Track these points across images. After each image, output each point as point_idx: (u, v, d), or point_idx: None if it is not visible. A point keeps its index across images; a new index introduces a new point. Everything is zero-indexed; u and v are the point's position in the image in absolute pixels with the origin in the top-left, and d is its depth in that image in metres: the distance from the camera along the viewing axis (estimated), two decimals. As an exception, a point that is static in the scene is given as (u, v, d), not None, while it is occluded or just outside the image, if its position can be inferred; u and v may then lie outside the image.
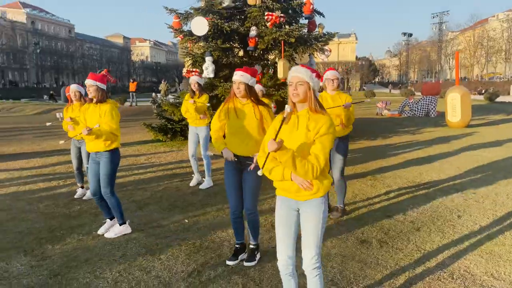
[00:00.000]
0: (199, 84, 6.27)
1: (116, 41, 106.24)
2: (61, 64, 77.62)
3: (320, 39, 10.75)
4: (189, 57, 10.70)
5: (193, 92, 6.26)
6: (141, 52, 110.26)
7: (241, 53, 11.77)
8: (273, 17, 9.63)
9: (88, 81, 4.11)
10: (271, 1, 10.09)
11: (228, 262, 3.60)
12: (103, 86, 4.17)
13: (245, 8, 10.61)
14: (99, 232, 4.40)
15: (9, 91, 55.50)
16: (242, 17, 11.12)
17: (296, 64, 12.01)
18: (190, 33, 10.48)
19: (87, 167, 5.39)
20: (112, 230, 4.32)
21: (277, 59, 10.71)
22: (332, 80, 4.71)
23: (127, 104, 27.52)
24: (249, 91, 3.44)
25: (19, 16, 76.89)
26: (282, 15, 9.72)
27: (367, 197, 5.70)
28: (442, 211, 4.99)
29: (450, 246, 3.94)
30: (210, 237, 4.27)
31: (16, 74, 72.90)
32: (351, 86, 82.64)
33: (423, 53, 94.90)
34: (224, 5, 10.41)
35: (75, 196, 5.83)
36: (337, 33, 11.49)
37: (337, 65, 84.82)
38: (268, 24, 10.14)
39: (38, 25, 79.87)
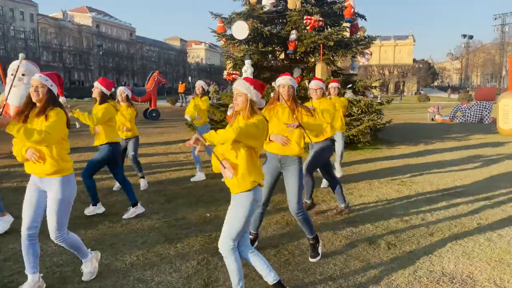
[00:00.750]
0: (203, 88, 6.84)
1: (173, 44, 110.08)
2: (122, 65, 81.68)
3: (360, 42, 10.73)
4: (230, 60, 11.08)
5: (197, 94, 6.80)
6: (197, 55, 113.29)
7: (282, 56, 11.99)
8: (312, 21, 9.76)
9: (96, 83, 4.92)
10: (310, 5, 10.24)
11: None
12: (107, 92, 4.95)
13: (286, 12, 10.84)
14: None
15: (74, 90, 59.42)
16: (284, 21, 11.35)
17: (337, 67, 12.08)
18: (232, 37, 10.88)
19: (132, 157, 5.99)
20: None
21: (316, 62, 10.81)
22: (315, 89, 4.93)
23: (177, 104, 28.65)
24: (293, 95, 3.59)
25: (86, 20, 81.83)
26: (321, 19, 9.84)
27: (389, 201, 5.72)
28: (463, 218, 4.93)
29: (460, 252, 3.94)
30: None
31: (81, 74, 77.72)
32: (406, 89, 79.96)
33: (487, 56, 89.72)
34: (265, 9, 10.69)
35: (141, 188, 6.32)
36: (378, 36, 11.39)
37: (393, 68, 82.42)
38: (308, 27, 10.30)
39: (103, 28, 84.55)
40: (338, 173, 6.96)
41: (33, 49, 65.07)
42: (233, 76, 10.58)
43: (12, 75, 9.53)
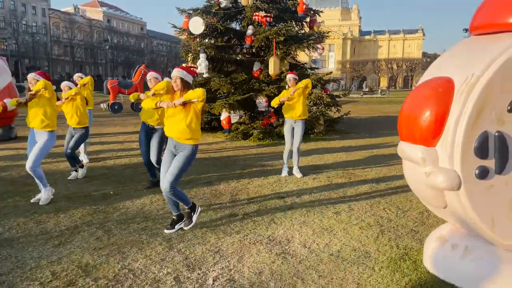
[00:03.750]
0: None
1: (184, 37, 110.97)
2: (131, 59, 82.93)
3: (310, 37, 11.19)
4: (189, 53, 11.66)
5: None
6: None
7: (244, 50, 12.52)
8: (259, 17, 10.27)
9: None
10: (260, 2, 10.75)
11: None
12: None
13: (241, 8, 11.37)
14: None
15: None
16: (242, 16, 11.89)
17: (296, 60, 12.57)
18: (191, 32, 11.45)
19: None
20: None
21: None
22: (150, 79, 5.77)
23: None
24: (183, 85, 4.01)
25: (97, 14, 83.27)
26: (268, 14, 10.35)
27: (281, 180, 6.26)
28: (332, 195, 5.47)
29: (300, 222, 4.48)
30: (115, 205, 5.15)
31: (92, 68, 79.24)
32: (415, 83, 79.33)
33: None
34: (222, 5, 11.24)
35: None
36: (329, 32, 11.84)
37: (401, 62, 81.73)
38: (262, 23, 10.83)
39: (113, 22, 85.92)
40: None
41: (44, 43, 66.59)
42: (191, 68, 11.14)
43: (-20, 68, 10.34)
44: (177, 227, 4.22)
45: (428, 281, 3.17)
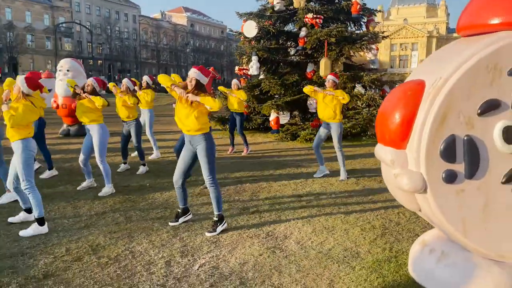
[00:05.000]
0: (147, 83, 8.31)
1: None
2: (211, 61, 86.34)
3: (364, 38, 11.01)
4: (244, 56, 12.08)
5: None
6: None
7: (294, 52, 12.66)
8: (309, 19, 10.36)
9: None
10: (312, 4, 10.82)
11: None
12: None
13: (293, 11, 11.53)
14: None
15: (166, 85, 64.57)
16: (296, 19, 12.05)
17: (352, 62, 12.45)
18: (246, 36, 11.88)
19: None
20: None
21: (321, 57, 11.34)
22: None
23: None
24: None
25: (181, 19, 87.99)
26: (317, 16, 10.39)
27: (299, 181, 6.36)
28: (348, 198, 5.47)
29: (304, 221, 4.60)
30: (145, 195, 5.67)
31: (176, 70, 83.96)
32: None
33: None
34: (276, 9, 11.50)
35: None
36: (384, 32, 11.50)
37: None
38: (314, 25, 10.92)
39: (196, 27, 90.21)
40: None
41: (133, 47, 71.96)
42: (244, 71, 11.60)
43: (60, 70, 11.66)
44: (181, 220, 4.55)
45: (401, 284, 3.17)
